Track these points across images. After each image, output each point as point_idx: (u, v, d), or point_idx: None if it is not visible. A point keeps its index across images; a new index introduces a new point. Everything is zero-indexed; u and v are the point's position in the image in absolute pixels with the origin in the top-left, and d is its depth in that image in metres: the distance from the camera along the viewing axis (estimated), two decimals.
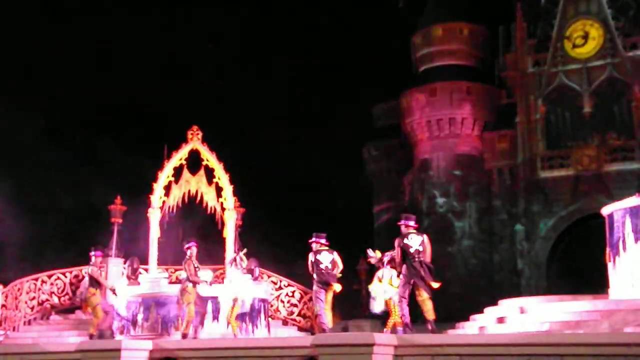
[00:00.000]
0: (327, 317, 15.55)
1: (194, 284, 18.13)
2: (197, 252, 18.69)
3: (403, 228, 15.35)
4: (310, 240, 16.37)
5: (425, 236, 15.27)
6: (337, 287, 15.78)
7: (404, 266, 15.02)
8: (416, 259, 14.85)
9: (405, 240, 15.01)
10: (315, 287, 15.82)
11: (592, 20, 43.16)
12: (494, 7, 47.04)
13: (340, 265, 16.03)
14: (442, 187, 45.47)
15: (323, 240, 16.34)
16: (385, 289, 17.48)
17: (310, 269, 16.03)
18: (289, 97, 59.73)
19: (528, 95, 43.81)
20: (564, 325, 16.29)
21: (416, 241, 14.99)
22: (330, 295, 15.76)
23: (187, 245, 18.83)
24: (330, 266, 15.73)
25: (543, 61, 43.73)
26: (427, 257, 15.05)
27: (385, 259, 17.95)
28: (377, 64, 52.18)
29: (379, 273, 17.88)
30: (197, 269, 18.35)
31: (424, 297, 15.11)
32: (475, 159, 45.67)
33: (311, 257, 16.07)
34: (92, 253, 20.00)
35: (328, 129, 55.06)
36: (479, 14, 47.38)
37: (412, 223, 15.46)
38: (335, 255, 15.98)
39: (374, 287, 17.89)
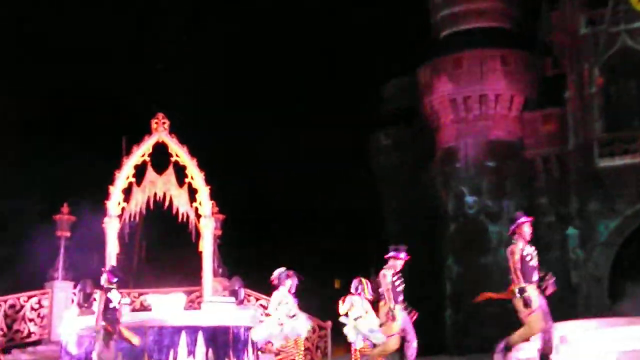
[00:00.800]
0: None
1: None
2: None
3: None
4: (388, 255, 16.43)
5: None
6: None
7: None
8: None
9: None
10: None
11: None
12: None
13: None
14: (472, 182, 45.68)
15: (403, 255, 16.40)
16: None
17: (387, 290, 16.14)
18: (280, 76, 60.16)
19: (581, 64, 43.73)
20: (636, 355, 16.35)
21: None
22: None
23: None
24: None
25: (600, 19, 43.59)
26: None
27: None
28: (388, 31, 52.54)
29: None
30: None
31: None
32: (513, 146, 45.94)
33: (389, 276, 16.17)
34: None
35: (328, 114, 55.48)
36: None
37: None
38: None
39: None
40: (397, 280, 16.46)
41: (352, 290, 17.87)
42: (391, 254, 16.47)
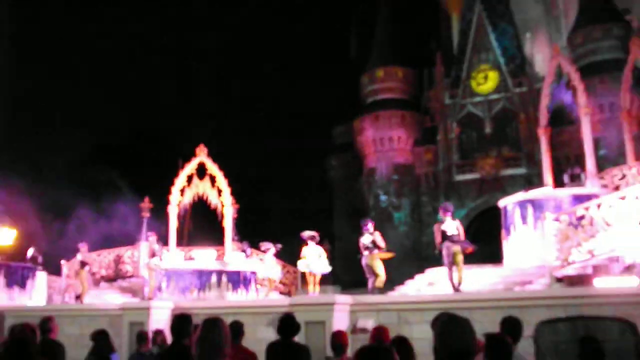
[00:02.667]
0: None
1: None
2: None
3: (441, 214, 14.71)
4: (363, 224, 15.88)
5: (458, 221, 14.61)
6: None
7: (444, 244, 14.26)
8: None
9: (443, 226, 14.35)
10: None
11: (490, 65, 43.71)
12: (420, 55, 47.51)
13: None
14: (384, 187, 45.50)
15: (370, 225, 15.86)
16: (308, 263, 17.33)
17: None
18: (272, 122, 60.11)
19: (446, 120, 44.02)
20: (473, 286, 16.53)
21: (452, 226, 14.35)
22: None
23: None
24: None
25: (456, 95, 44.00)
26: (462, 237, 14.44)
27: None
28: (337, 97, 52.36)
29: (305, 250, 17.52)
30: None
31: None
32: (408, 167, 45.73)
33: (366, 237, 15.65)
34: (80, 245, 20.31)
35: (300, 145, 55.35)
36: (410, 60, 47.56)
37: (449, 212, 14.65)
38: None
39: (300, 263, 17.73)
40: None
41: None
42: (365, 224, 16.25)
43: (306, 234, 17.65)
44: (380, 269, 15.58)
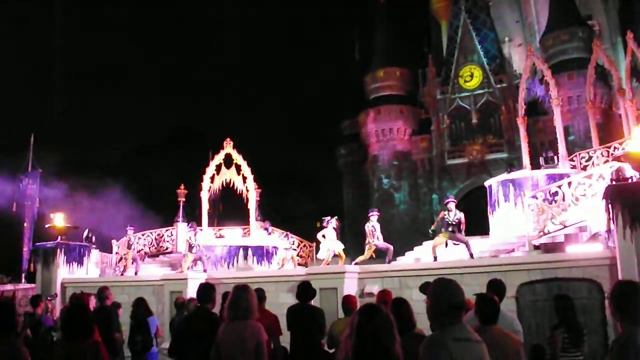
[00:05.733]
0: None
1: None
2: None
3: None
4: (371, 214, 16.06)
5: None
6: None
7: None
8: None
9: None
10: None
11: (475, 65, 43.33)
12: (415, 57, 47.35)
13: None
14: (386, 172, 45.34)
15: (375, 213, 16.09)
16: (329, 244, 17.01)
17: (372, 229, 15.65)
18: (289, 117, 60.37)
19: (438, 113, 43.73)
20: (464, 254, 16.53)
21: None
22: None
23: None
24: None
25: (446, 91, 43.64)
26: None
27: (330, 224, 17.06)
28: (344, 95, 52.51)
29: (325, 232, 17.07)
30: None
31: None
32: (406, 154, 45.51)
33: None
34: (127, 228, 20.50)
35: (314, 137, 55.56)
36: (406, 62, 47.33)
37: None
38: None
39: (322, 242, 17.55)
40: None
41: (325, 224, 16.95)
42: (372, 212, 16.31)
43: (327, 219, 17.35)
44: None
